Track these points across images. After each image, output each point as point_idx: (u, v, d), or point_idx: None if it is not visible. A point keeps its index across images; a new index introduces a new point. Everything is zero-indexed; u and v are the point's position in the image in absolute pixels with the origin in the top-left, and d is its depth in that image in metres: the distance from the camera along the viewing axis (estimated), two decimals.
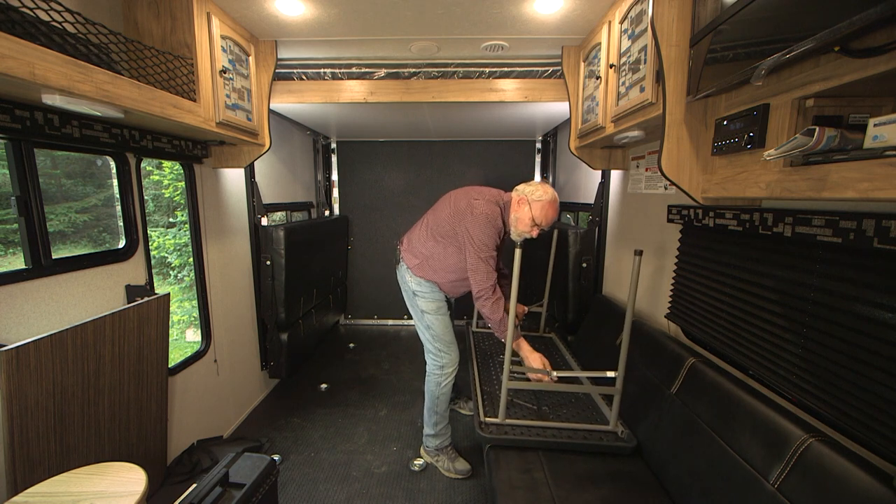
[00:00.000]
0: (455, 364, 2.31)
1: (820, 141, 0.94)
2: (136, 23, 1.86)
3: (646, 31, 1.57)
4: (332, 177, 4.53)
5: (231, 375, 2.77)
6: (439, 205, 2.25)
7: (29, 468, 1.45)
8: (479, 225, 1.99)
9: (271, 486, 1.60)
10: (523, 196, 2.06)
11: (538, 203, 2.03)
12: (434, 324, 2.26)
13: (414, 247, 2.26)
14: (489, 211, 2.01)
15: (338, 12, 2.00)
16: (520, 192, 2.09)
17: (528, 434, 1.82)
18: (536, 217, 2.03)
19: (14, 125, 1.43)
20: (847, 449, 1.08)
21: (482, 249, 1.99)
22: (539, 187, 2.07)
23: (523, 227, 2.06)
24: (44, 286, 1.61)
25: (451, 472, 2.32)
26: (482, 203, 2.02)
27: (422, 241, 2.23)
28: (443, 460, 2.36)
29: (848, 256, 1.16)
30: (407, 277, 2.28)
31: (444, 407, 2.33)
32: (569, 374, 2.15)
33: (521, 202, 2.06)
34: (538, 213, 2.03)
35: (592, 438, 1.80)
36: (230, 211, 2.75)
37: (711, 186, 1.40)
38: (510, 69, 2.53)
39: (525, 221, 2.05)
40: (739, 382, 1.46)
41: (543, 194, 2.04)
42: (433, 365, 2.32)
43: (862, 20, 0.77)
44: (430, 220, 2.24)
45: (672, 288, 2.06)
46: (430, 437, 2.39)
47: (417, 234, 2.27)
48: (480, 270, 1.99)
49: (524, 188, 2.09)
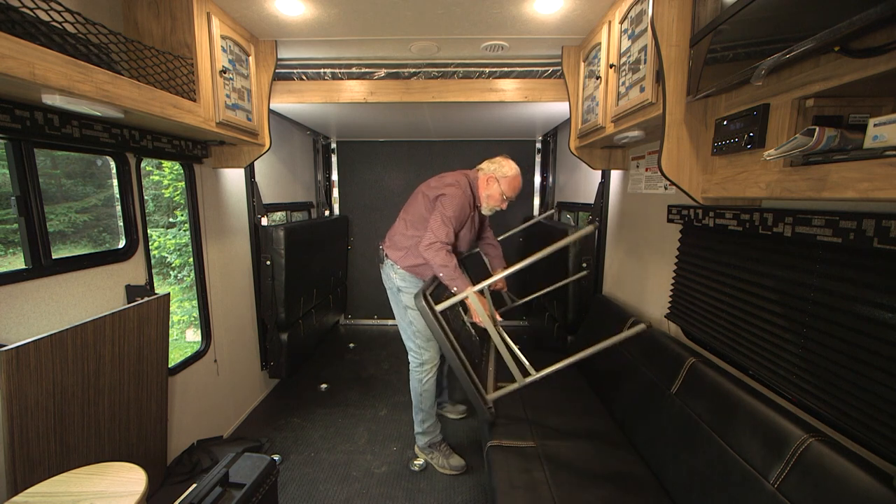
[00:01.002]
0: (435, 360, 2.37)
1: (820, 141, 0.94)
2: (136, 23, 1.86)
3: (646, 31, 1.57)
4: (332, 177, 4.53)
5: (231, 375, 2.77)
6: (411, 199, 2.37)
7: (29, 468, 1.45)
8: (453, 204, 2.11)
9: (271, 486, 1.60)
10: (491, 175, 2.21)
11: (506, 179, 2.20)
12: (416, 319, 2.32)
13: (396, 242, 2.34)
14: (461, 192, 2.15)
15: (338, 12, 2.00)
16: (486, 170, 2.23)
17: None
18: (505, 192, 2.21)
19: (14, 125, 1.43)
20: (847, 449, 1.08)
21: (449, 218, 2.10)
22: (504, 163, 2.21)
23: (494, 203, 2.24)
24: (44, 286, 1.61)
25: (445, 468, 2.36)
26: (454, 187, 2.16)
27: (402, 234, 2.32)
28: (437, 457, 2.40)
29: (848, 256, 1.16)
30: (392, 274, 2.35)
31: (430, 403, 2.39)
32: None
33: (489, 180, 2.21)
34: (507, 187, 2.20)
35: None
36: (230, 211, 2.75)
37: (711, 186, 1.40)
38: (510, 69, 2.53)
39: (495, 197, 2.22)
40: (739, 382, 1.46)
41: (509, 170, 2.20)
42: (414, 362, 2.39)
43: (862, 20, 0.77)
44: (406, 214, 2.35)
45: (672, 288, 2.06)
46: (419, 435, 2.44)
47: (397, 230, 2.37)
48: (440, 229, 2.07)
49: (488, 166, 2.23)
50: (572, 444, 1.88)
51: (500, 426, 2.04)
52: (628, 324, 2.24)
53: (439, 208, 2.12)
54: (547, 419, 2.09)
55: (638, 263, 2.47)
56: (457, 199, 2.12)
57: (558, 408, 2.19)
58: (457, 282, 2.04)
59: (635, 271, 2.51)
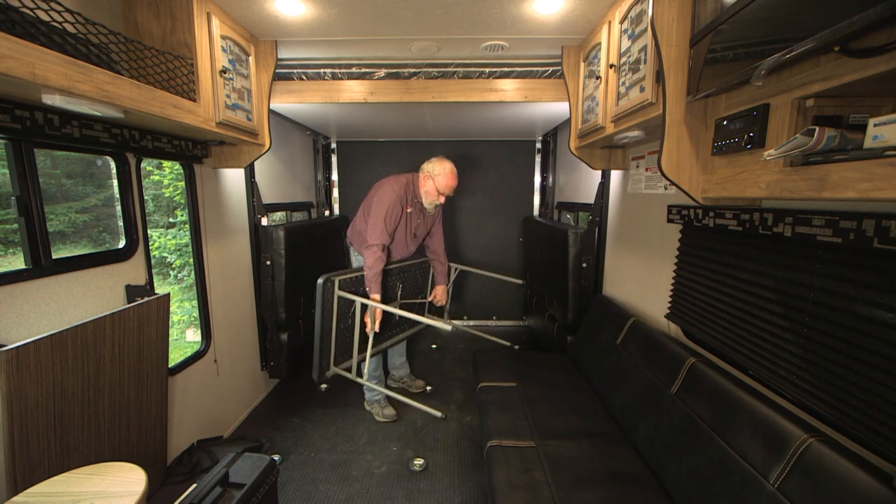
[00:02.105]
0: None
1: (820, 141, 0.94)
2: (136, 23, 1.86)
3: (646, 31, 1.57)
4: (332, 177, 4.53)
5: (231, 375, 2.77)
6: (368, 194, 2.79)
7: (29, 468, 1.45)
8: (382, 203, 2.53)
9: (271, 486, 1.60)
10: (427, 173, 2.60)
11: (439, 177, 2.57)
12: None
13: (355, 228, 2.87)
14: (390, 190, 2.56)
15: (338, 12, 2.00)
16: (424, 170, 2.63)
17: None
18: (440, 188, 2.58)
19: (14, 125, 1.43)
20: (847, 449, 1.08)
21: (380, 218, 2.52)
22: (437, 164, 2.59)
23: (432, 198, 2.63)
24: (44, 286, 1.61)
25: (381, 416, 2.88)
26: (391, 182, 2.60)
27: (360, 223, 2.81)
28: (375, 408, 2.92)
29: (848, 256, 1.16)
30: (352, 257, 2.93)
31: (373, 367, 2.91)
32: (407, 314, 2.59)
33: (426, 178, 2.61)
34: (441, 184, 2.57)
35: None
36: (230, 211, 2.75)
37: (711, 186, 1.40)
38: (510, 69, 2.53)
39: (432, 193, 2.61)
40: (739, 382, 1.46)
41: (442, 169, 2.57)
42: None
43: (862, 20, 0.77)
44: (362, 207, 2.81)
45: (672, 288, 2.06)
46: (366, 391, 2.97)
47: (357, 219, 2.86)
48: (378, 227, 2.52)
49: (426, 166, 2.62)
50: (572, 444, 1.88)
51: (501, 426, 2.04)
52: (629, 323, 2.24)
53: (374, 209, 2.54)
54: (547, 419, 2.09)
55: (638, 263, 2.47)
56: (386, 198, 2.51)
57: (558, 408, 2.19)
58: (371, 286, 2.52)
59: (635, 271, 2.51)
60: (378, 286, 2.53)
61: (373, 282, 2.50)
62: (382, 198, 2.52)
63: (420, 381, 3.36)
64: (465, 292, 4.64)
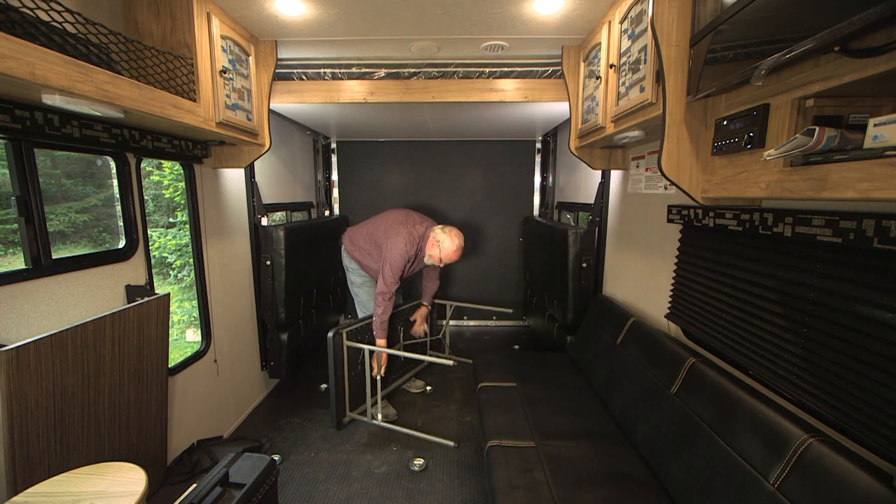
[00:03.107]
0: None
1: (820, 141, 0.94)
2: (136, 23, 1.86)
3: (646, 31, 1.57)
4: (332, 177, 4.52)
5: (231, 375, 2.77)
6: (380, 220, 3.00)
7: (29, 468, 1.45)
8: (400, 253, 2.74)
9: (271, 486, 1.60)
10: (437, 242, 2.80)
11: (446, 251, 2.79)
12: (360, 293, 3.14)
13: (354, 239, 3.09)
14: (405, 246, 2.76)
15: (338, 12, 2.00)
16: (435, 235, 2.82)
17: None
18: (443, 258, 2.82)
19: (14, 125, 1.43)
20: (847, 449, 1.08)
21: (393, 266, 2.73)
22: (448, 237, 2.78)
23: (433, 261, 2.87)
24: (44, 286, 1.61)
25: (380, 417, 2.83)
26: (404, 237, 2.77)
27: (360, 238, 3.05)
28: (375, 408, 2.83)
29: (848, 256, 1.16)
30: (344, 255, 3.16)
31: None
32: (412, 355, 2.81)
33: (433, 245, 2.81)
34: (444, 255, 2.80)
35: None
36: (230, 211, 2.75)
37: (711, 186, 1.40)
38: (510, 69, 2.53)
39: (434, 258, 2.84)
40: (739, 382, 1.46)
41: (450, 245, 2.78)
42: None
43: (862, 20, 0.77)
44: (373, 229, 2.99)
45: (672, 288, 2.06)
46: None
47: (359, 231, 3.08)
48: (388, 278, 2.72)
49: (439, 234, 2.81)
50: (572, 444, 1.88)
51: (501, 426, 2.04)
52: (629, 323, 2.24)
53: (388, 257, 2.72)
54: (547, 419, 2.09)
55: (638, 263, 2.47)
56: (399, 251, 2.72)
57: (558, 408, 2.19)
58: (378, 332, 2.73)
59: (635, 271, 2.51)
60: (384, 332, 2.75)
61: (380, 329, 2.73)
62: (396, 251, 2.72)
63: (420, 381, 3.37)
64: (465, 292, 4.64)
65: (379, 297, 2.72)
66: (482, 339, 4.39)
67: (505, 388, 2.41)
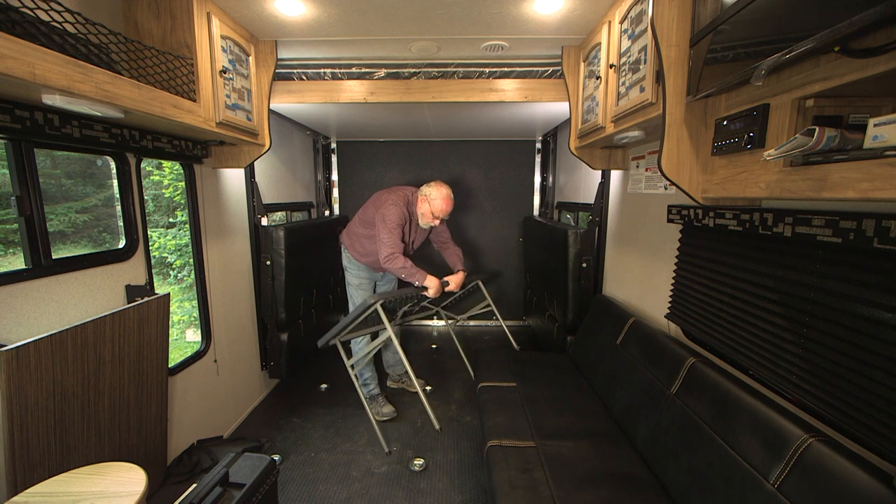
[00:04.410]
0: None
1: (820, 141, 0.94)
2: (136, 23, 1.86)
3: (646, 31, 1.57)
4: (332, 177, 4.52)
5: (231, 375, 2.77)
6: (366, 206, 2.85)
7: (29, 468, 1.45)
8: (392, 216, 2.60)
9: (271, 486, 1.60)
10: (424, 196, 2.69)
11: (435, 201, 2.65)
12: (355, 294, 3.01)
13: (351, 232, 2.94)
14: (395, 205, 2.63)
15: (338, 12, 2.00)
16: (422, 192, 2.71)
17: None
18: (435, 211, 2.67)
19: (14, 125, 1.43)
20: (847, 449, 1.08)
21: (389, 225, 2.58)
22: (434, 188, 2.67)
23: (427, 220, 2.72)
24: (44, 286, 1.61)
25: (378, 415, 2.85)
26: (393, 198, 2.65)
27: (355, 227, 2.90)
28: (374, 406, 2.90)
29: (848, 256, 1.16)
30: (343, 254, 3.00)
31: (364, 363, 2.92)
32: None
33: (422, 200, 2.70)
34: (436, 208, 2.66)
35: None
36: (230, 211, 2.75)
37: (711, 186, 1.40)
38: (510, 69, 2.53)
39: (427, 215, 2.70)
40: (739, 382, 1.46)
41: (437, 193, 2.65)
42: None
43: (862, 20, 0.77)
44: (361, 215, 2.86)
45: (672, 288, 2.06)
46: (361, 387, 2.86)
47: (353, 224, 2.93)
48: (388, 240, 2.56)
49: (425, 189, 2.70)
50: (572, 444, 1.88)
51: (500, 426, 2.04)
52: (629, 323, 2.24)
53: (380, 227, 2.60)
54: (547, 419, 2.09)
55: (638, 263, 2.47)
56: (390, 214, 2.60)
57: (558, 408, 2.19)
58: (416, 276, 2.56)
59: (635, 271, 2.51)
60: (421, 271, 2.57)
61: (415, 273, 2.55)
62: (387, 215, 2.59)
63: (420, 381, 3.37)
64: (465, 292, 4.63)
65: (388, 259, 2.53)
66: (482, 339, 4.39)
67: (505, 388, 2.41)
